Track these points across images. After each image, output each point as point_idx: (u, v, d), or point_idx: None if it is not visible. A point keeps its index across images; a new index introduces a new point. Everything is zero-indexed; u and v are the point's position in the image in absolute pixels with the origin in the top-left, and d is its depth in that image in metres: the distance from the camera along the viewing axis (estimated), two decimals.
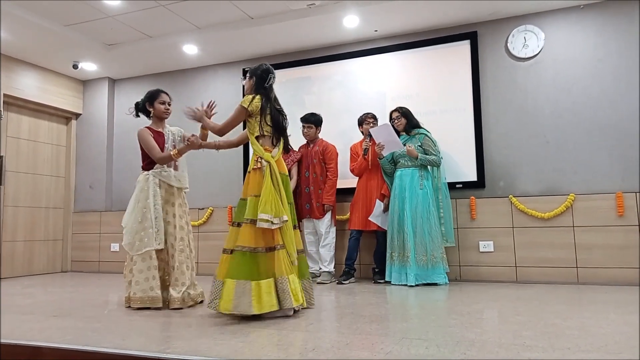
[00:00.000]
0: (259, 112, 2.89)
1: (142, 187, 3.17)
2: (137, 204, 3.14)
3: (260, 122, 2.90)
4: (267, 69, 2.99)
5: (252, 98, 2.91)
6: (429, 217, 4.00)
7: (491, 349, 1.94)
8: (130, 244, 3.08)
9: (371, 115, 4.47)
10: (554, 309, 2.84)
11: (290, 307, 2.63)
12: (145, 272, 3.03)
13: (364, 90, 4.93)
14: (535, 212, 4.17)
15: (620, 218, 3.96)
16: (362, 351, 1.96)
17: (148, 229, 3.06)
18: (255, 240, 2.69)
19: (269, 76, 2.97)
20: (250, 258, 2.67)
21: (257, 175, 2.81)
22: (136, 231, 3.07)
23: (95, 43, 5.12)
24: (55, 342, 2.15)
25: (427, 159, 4.09)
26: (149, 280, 3.01)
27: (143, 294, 3.01)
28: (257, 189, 2.77)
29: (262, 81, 2.96)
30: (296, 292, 2.68)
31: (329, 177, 4.49)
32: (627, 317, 2.57)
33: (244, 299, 2.56)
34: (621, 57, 4.13)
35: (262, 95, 2.93)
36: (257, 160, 2.85)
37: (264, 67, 3.01)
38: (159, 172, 3.21)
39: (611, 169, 4.07)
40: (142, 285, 3.02)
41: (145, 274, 3.03)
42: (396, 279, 4.01)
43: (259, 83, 2.96)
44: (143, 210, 3.10)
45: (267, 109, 2.90)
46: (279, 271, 2.65)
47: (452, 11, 4.39)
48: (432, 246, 3.97)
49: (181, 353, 1.93)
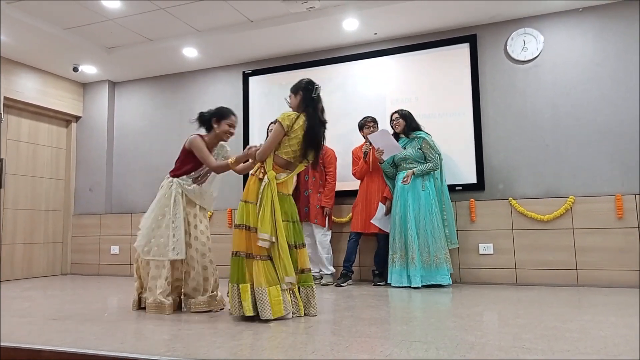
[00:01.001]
0: (296, 136, 2.81)
1: (165, 193, 3.12)
2: (157, 208, 3.09)
3: (288, 141, 2.82)
4: (310, 80, 2.96)
5: (296, 116, 2.83)
6: (432, 219, 4.01)
7: (491, 351, 1.94)
8: (142, 247, 3.05)
9: (371, 119, 4.47)
10: (554, 312, 2.84)
11: (269, 318, 2.60)
12: (157, 279, 3.02)
13: (364, 93, 4.93)
14: (535, 215, 4.17)
15: (620, 220, 3.96)
16: (361, 354, 1.96)
17: (164, 237, 3.01)
18: (238, 244, 2.78)
19: (314, 87, 2.91)
20: (235, 262, 2.77)
21: (256, 183, 2.82)
22: (152, 236, 3.04)
23: (96, 46, 5.13)
24: (54, 345, 2.15)
25: (422, 170, 4.10)
26: (160, 288, 3.00)
27: (153, 299, 3.00)
28: (249, 195, 2.81)
29: (309, 93, 2.89)
30: (278, 303, 2.64)
31: (328, 180, 4.49)
32: (627, 319, 2.56)
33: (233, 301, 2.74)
34: (620, 60, 4.14)
35: (307, 114, 2.85)
36: (260, 169, 2.84)
37: (306, 79, 2.97)
38: (184, 185, 3.13)
39: (610, 171, 4.08)
40: (153, 292, 3.01)
41: (156, 281, 3.02)
42: (396, 280, 4.01)
43: (307, 96, 2.89)
44: (159, 218, 3.06)
45: (303, 130, 2.81)
46: (257, 281, 2.68)
47: (451, 14, 4.40)
48: (435, 247, 3.97)
49: (181, 356, 1.93)
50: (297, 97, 2.93)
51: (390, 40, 4.90)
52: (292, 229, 2.85)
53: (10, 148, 5.35)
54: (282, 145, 2.84)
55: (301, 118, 2.84)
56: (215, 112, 3.19)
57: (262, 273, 2.67)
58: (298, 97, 2.92)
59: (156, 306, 2.98)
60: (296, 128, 2.81)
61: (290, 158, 2.86)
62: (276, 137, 2.81)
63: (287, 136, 2.82)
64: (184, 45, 5.03)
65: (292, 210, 2.90)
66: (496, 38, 4.54)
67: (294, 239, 2.85)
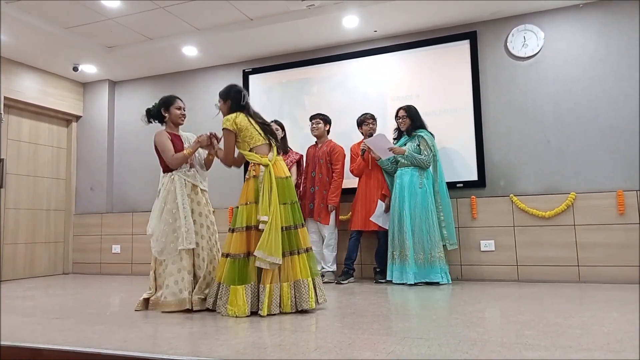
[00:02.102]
0: (245, 128, 3.01)
1: (168, 189, 3.11)
2: (164, 206, 3.08)
3: (247, 137, 3.02)
4: (239, 89, 3.15)
5: (234, 117, 3.02)
6: (427, 216, 4.01)
7: (493, 348, 1.94)
8: (161, 250, 3.04)
9: (370, 116, 4.47)
10: (556, 308, 2.84)
11: (261, 313, 2.73)
12: (175, 274, 3.01)
13: (364, 90, 4.93)
14: (536, 211, 4.17)
15: (621, 216, 3.96)
16: (364, 351, 1.96)
17: (180, 230, 3.02)
18: (239, 247, 2.88)
19: (242, 95, 3.11)
20: (232, 263, 2.87)
21: (252, 183, 2.96)
22: (167, 234, 3.03)
23: (95, 45, 5.13)
24: (57, 344, 2.15)
25: (414, 157, 4.09)
26: (178, 283, 2.99)
27: (173, 297, 2.97)
28: (248, 197, 2.95)
29: (238, 101, 3.09)
30: (270, 300, 2.76)
31: (335, 178, 4.47)
32: (629, 315, 2.56)
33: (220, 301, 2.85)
34: (621, 56, 4.13)
35: (242, 111, 3.06)
36: (253, 168, 2.99)
37: (235, 88, 3.15)
38: (184, 172, 3.16)
39: (612, 167, 4.07)
40: (172, 289, 2.99)
41: (175, 276, 3.01)
42: (397, 277, 4.02)
43: (236, 103, 3.09)
44: (173, 212, 3.05)
45: (251, 123, 3.04)
46: (251, 278, 2.84)
47: (451, 11, 4.39)
48: (429, 245, 3.97)
49: (183, 354, 1.93)
50: (227, 104, 3.14)
51: (390, 38, 4.90)
52: (290, 210, 2.96)
53: (11, 148, 5.35)
54: (244, 142, 3.03)
55: (238, 115, 3.04)
56: (162, 103, 3.28)
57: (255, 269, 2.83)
58: (227, 103, 3.13)
59: (176, 302, 2.95)
60: (241, 123, 3.01)
61: (261, 143, 3.04)
62: (230, 141, 3.04)
63: (240, 134, 3.02)
64: (184, 44, 5.02)
65: (291, 193, 3.01)
66: (496, 35, 4.53)
67: (293, 220, 2.96)
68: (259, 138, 3.04)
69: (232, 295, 2.78)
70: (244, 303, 2.75)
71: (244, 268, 2.85)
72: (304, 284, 2.85)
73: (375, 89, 4.89)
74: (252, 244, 2.86)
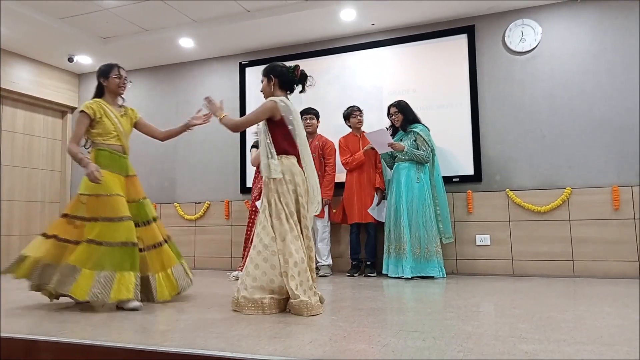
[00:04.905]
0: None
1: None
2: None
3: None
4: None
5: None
6: (424, 211, 4.02)
7: (487, 341, 1.95)
8: None
9: (357, 108, 4.50)
10: (550, 302, 2.86)
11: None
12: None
13: (361, 84, 4.91)
14: (532, 206, 4.18)
15: (616, 212, 3.98)
16: (359, 343, 1.96)
17: None
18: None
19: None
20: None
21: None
22: None
23: (91, 36, 5.08)
24: (51, 335, 2.15)
25: (413, 153, 4.10)
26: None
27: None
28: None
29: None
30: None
31: (328, 172, 4.49)
32: (622, 309, 2.58)
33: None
34: (617, 52, 4.14)
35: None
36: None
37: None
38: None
39: (607, 163, 4.09)
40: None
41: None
42: (393, 271, 4.04)
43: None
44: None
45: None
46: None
47: (449, 5, 4.38)
48: (426, 239, 3.98)
49: (178, 346, 1.93)
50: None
51: (387, 31, 4.88)
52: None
53: (5, 139, 5.31)
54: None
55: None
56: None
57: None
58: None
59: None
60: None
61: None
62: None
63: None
64: (180, 35, 4.99)
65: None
66: (494, 29, 4.52)
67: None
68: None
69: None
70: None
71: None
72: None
73: (372, 83, 4.88)
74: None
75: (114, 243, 2.79)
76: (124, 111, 3.18)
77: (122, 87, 3.13)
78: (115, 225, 2.82)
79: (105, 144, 3.06)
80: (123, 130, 3.13)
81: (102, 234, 2.79)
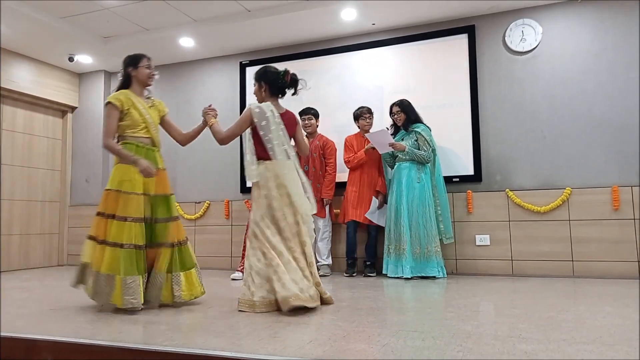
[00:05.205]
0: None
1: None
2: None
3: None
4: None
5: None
6: (425, 211, 4.02)
7: (487, 341, 1.95)
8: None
9: (367, 109, 4.47)
10: (550, 302, 2.86)
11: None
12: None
13: (362, 84, 4.91)
14: (532, 206, 4.18)
15: (616, 212, 3.97)
16: (359, 343, 1.96)
17: None
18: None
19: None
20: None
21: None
22: None
23: (91, 35, 5.08)
24: (52, 334, 2.15)
25: (414, 152, 4.10)
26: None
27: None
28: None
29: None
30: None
31: (329, 171, 4.49)
32: (622, 309, 2.58)
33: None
34: (617, 52, 4.13)
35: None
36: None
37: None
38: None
39: (607, 163, 4.08)
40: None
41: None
42: (392, 271, 4.04)
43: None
44: None
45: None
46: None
47: (450, 5, 4.37)
48: (426, 239, 3.98)
49: (177, 346, 1.93)
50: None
51: (388, 31, 4.88)
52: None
53: (6, 138, 5.32)
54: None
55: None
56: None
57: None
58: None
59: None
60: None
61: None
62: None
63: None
64: (181, 35, 4.99)
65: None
66: (495, 29, 4.52)
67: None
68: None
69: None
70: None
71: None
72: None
73: (373, 82, 4.88)
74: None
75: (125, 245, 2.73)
76: (151, 103, 3.06)
77: (152, 78, 3.03)
78: (128, 226, 2.74)
79: (134, 136, 2.90)
80: (152, 122, 2.98)
81: (113, 234, 2.74)
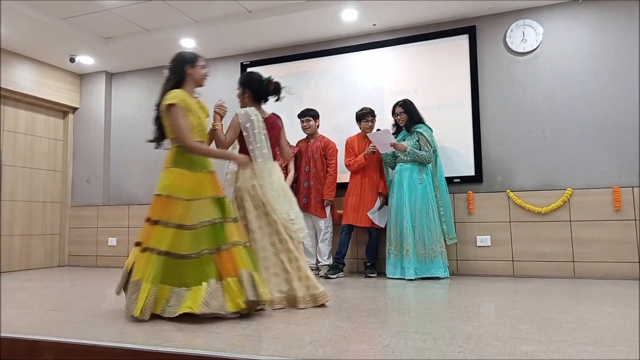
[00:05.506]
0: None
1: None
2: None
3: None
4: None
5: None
6: (427, 212, 4.02)
7: (488, 341, 1.95)
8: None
9: (369, 111, 4.44)
10: (551, 303, 2.85)
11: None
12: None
13: (362, 84, 4.92)
14: (533, 207, 4.18)
15: (617, 212, 3.97)
16: (360, 344, 1.96)
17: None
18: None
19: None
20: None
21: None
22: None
23: (92, 36, 5.09)
24: (53, 335, 2.15)
25: (416, 153, 4.09)
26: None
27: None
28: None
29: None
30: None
31: (330, 172, 4.48)
32: (624, 310, 2.58)
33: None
34: (619, 52, 4.13)
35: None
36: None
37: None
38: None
39: (608, 164, 4.08)
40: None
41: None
42: (391, 272, 4.04)
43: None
44: None
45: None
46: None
47: (450, 6, 4.37)
48: (430, 240, 3.98)
49: (179, 347, 1.93)
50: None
51: (389, 32, 4.88)
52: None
53: (7, 139, 5.32)
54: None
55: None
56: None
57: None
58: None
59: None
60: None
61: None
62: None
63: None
64: (182, 35, 4.99)
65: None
66: (495, 29, 4.52)
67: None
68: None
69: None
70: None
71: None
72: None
73: (373, 83, 4.88)
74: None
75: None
76: (199, 104, 2.88)
77: (205, 79, 2.89)
78: (190, 234, 2.56)
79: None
80: (205, 125, 2.84)
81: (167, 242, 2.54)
